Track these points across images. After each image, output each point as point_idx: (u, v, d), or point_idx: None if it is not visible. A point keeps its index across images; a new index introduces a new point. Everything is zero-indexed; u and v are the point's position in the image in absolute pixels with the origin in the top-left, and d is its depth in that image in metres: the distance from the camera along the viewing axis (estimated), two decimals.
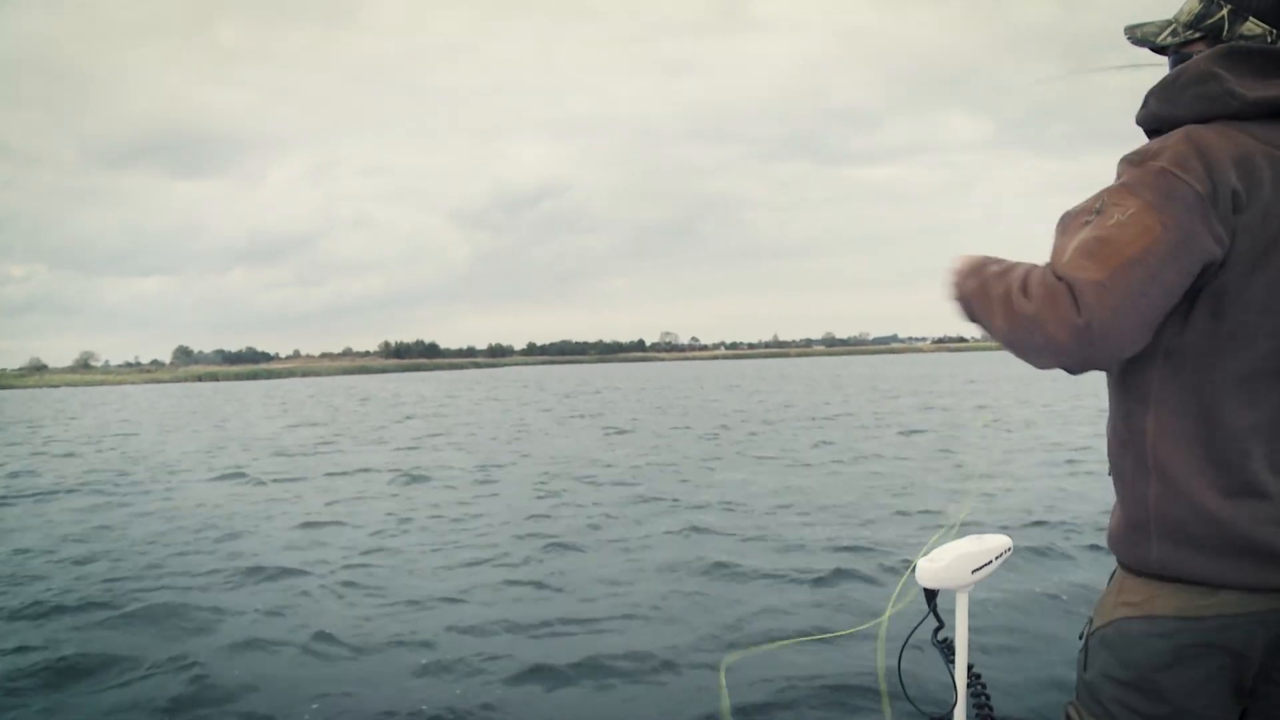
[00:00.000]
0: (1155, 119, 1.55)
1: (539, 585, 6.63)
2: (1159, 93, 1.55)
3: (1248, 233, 1.41)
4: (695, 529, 8.47)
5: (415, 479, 12.95)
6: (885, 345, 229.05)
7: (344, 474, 13.94)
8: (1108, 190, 1.45)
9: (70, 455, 18.94)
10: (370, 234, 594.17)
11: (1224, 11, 1.56)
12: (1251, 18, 1.54)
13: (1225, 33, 1.56)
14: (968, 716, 1.91)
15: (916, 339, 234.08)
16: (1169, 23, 1.65)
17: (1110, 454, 1.61)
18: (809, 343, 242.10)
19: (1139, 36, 1.68)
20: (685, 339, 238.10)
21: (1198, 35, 1.60)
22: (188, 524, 9.63)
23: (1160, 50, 1.67)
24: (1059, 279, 1.38)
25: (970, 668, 1.91)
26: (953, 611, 1.90)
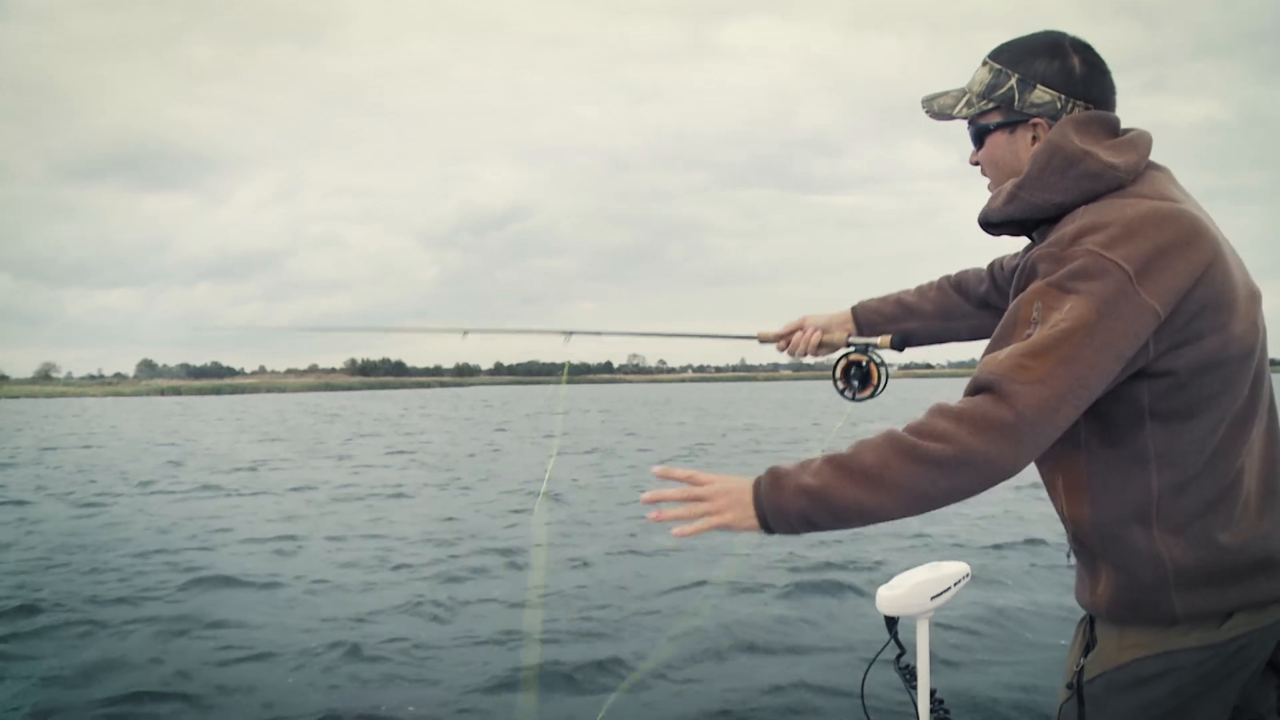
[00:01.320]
0: (1035, 209, 1.51)
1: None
2: (1031, 184, 1.51)
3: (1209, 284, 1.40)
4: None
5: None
6: None
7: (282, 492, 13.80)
8: (1036, 292, 1.42)
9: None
10: (338, 253, 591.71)
11: (1013, 81, 1.57)
12: (1040, 85, 1.54)
13: (1016, 102, 1.56)
14: None
15: None
16: (963, 93, 1.64)
17: (1084, 531, 1.55)
18: (776, 367, 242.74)
19: (935, 109, 1.67)
20: (653, 362, 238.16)
21: (991, 105, 1.60)
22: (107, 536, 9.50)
23: (968, 120, 1.65)
24: (982, 388, 1.36)
25: (933, 693, 1.94)
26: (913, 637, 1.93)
